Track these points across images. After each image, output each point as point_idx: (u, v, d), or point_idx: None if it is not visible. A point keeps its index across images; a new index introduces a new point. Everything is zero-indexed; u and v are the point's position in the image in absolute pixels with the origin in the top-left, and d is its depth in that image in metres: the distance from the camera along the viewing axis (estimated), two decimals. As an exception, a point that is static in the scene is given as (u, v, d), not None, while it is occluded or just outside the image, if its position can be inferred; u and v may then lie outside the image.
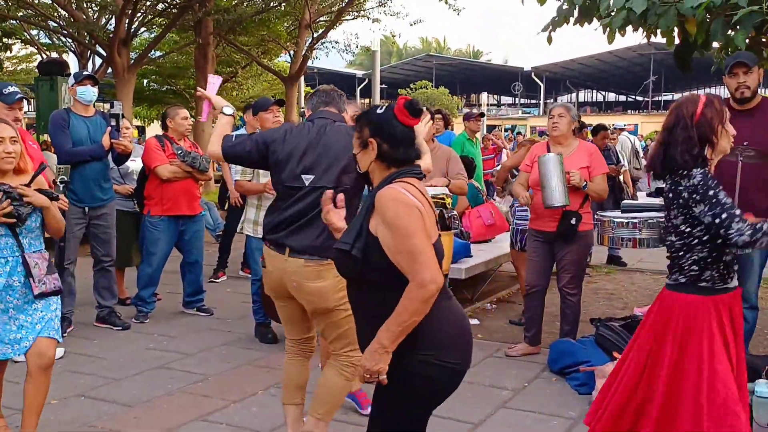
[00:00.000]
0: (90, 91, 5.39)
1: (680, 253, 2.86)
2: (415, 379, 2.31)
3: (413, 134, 2.41)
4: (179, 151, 5.81)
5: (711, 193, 2.72)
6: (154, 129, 26.86)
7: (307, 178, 3.23)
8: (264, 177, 5.23)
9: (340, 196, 2.62)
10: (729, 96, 4.28)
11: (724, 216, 2.69)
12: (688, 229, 2.82)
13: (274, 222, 3.29)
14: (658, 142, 2.93)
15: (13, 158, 3.26)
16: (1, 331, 3.30)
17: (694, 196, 2.75)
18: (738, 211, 2.71)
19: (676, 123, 2.83)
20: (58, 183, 4.69)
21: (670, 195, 2.86)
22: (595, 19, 4.83)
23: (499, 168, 8.82)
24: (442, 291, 2.33)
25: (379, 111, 2.42)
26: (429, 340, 2.28)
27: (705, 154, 2.82)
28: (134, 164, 6.10)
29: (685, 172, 2.79)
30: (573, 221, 4.77)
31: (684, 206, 2.80)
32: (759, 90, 4.28)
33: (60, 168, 4.79)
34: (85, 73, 5.71)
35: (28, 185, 3.31)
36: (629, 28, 4.69)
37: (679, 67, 5.08)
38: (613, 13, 4.50)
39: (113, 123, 5.53)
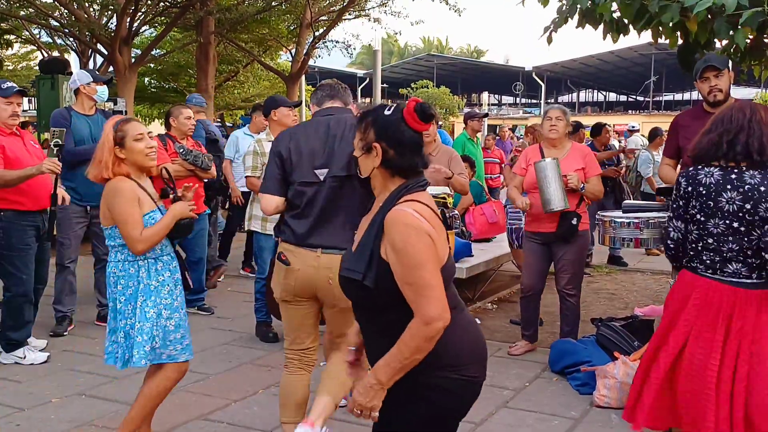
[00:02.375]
0: (107, 92, 5.65)
1: None
2: (436, 395, 2.14)
3: (422, 140, 2.21)
4: (181, 150, 5.80)
5: None
6: (155, 128, 26.86)
7: (321, 173, 3.20)
8: None
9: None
10: (702, 100, 4.31)
11: None
12: None
13: (306, 227, 3.22)
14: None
15: (156, 154, 3.28)
16: (163, 330, 3.23)
17: None
18: None
19: None
20: (52, 146, 4.65)
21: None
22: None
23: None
24: (458, 303, 2.20)
25: (387, 112, 2.19)
26: (451, 356, 2.13)
27: None
28: None
29: None
30: (574, 221, 4.76)
31: None
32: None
33: (54, 130, 4.75)
34: (101, 76, 5.80)
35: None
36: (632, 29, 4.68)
37: (682, 66, 5.08)
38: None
39: None
